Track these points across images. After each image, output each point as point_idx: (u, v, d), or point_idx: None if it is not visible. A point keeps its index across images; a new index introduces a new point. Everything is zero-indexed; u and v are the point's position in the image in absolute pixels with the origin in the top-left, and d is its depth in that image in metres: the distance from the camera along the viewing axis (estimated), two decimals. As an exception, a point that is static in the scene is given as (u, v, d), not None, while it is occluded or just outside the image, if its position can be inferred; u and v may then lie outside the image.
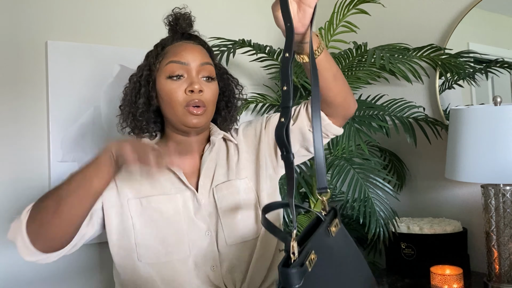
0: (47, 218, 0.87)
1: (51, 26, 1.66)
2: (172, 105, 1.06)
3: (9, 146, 1.58)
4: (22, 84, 1.61)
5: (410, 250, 1.65)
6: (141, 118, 1.11)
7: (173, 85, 1.06)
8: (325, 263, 0.74)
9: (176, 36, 1.14)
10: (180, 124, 1.07)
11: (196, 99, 1.05)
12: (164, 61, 1.09)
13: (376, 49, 1.64)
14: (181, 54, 1.07)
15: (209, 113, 1.09)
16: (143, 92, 1.11)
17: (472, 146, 1.39)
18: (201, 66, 1.08)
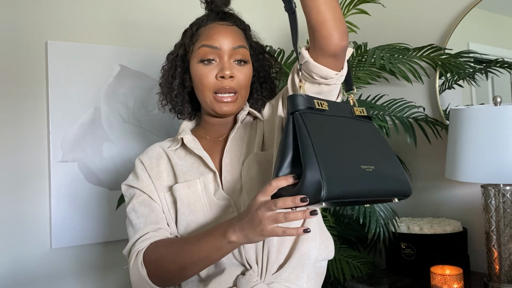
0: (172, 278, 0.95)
1: (51, 26, 1.66)
2: (202, 90, 1.05)
3: (9, 146, 1.58)
4: (22, 84, 1.61)
5: (410, 250, 1.65)
6: (176, 99, 1.12)
7: (205, 70, 1.04)
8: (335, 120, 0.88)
9: (210, 16, 1.10)
10: (210, 110, 1.07)
11: (227, 86, 1.03)
12: (197, 44, 1.07)
13: (376, 49, 1.64)
14: (213, 37, 1.05)
15: (242, 99, 1.08)
16: (179, 73, 1.11)
17: (472, 146, 1.39)
18: (234, 50, 1.05)
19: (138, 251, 0.97)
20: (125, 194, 1.11)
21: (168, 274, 0.94)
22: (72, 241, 1.66)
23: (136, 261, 0.95)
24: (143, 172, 1.09)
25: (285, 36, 2.29)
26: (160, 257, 0.95)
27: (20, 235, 1.59)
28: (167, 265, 0.93)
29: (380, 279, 1.65)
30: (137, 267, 0.95)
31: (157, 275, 0.94)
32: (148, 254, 0.96)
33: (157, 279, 0.95)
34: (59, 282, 1.65)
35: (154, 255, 0.96)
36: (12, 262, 1.57)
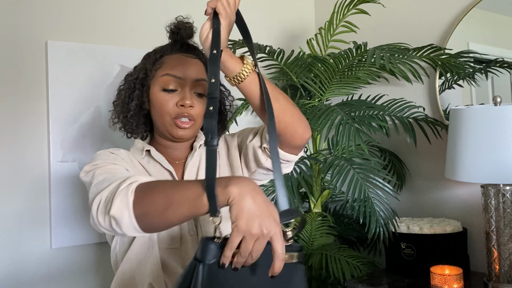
0: (154, 214, 0.85)
1: (51, 26, 1.66)
2: (161, 115, 1.10)
3: (9, 146, 1.58)
4: (22, 84, 1.61)
5: (410, 250, 1.65)
6: (132, 120, 1.15)
7: (166, 97, 1.10)
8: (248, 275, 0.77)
9: (175, 46, 1.16)
10: (167, 133, 1.11)
11: (185, 113, 1.09)
12: (160, 71, 1.11)
13: (376, 49, 1.64)
14: (178, 68, 1.11)
15: (197, 126, 1.13)
16: (136, 95, 1.14)
17: (472, 146, 1.39)
18: (196, 82, 1.11)
19: (133, 181, 0.89)
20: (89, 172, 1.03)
21: (152, 206, 0.86)
22: (72, 241, 1.66)
23: (127, 188, 0.87)
24: (116, 156, 1.08)
25: (285, 36, 2.29)
26: (151, 187, 0.88)
27: (20, 235, 1.59)
28: (154, 196, 0.86)
29: (380, 279, 1.65)
30: (126, 192, 0.86)
31: (141, 205, 0.86)
32: (141, 185, 0.89)
33: (140, 210, 0.86)
34: (59, 282, 1.65)
35: (146, 185, 0.89)
36: (12, 262, 1.57)
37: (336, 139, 1.60)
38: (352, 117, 1.65)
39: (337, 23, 1.84)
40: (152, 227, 0.88)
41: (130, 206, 0.85)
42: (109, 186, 0.90)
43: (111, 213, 0.85)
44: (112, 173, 0.97)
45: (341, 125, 1.60)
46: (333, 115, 1.63)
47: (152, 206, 0.85)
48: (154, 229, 0.89)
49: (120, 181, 0.90)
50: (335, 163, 1.66)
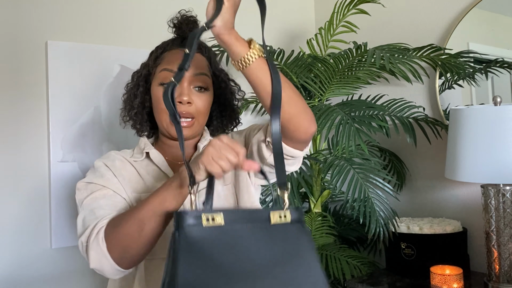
0: (131, 244, 0.87)
1: (51, 26, 1.66)
2: (159, 112, 1.07)
3: (9, 146, 1.58)
4: (22, 84, 1.61)
5: (410, 250, 1.65)
6: (135, 117, 1.13)
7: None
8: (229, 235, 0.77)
9: (176, 41, 1.12)
10: (165, 133, 1.09)
11: (183, 111, 1.04)
12: (159, 67, 1.08)
13: (376, 49, 1.64)
14: (176, 62, 1.05)
15: (198, 125, 1.08)
16: (140, 92, 1.12)
17: (472, 146, 1.39)
18: (194, 76, 1.06)
19: (100, 228, 0.90)
20: (81, 189, 1.04)
21: (127, 239, 0.86)
22: (72, 241, 1.66)
23: (97, 237, 0.88)
24: (108, 172, 1.05)
25: (285, 36, 2.29)
26: (118, 222, 0.89)
27: (20, 235, 1.59)
28: (125, 227, 0.87)
29: (380, 279, 1.65)
30: (97, 242, 0.88)
31: (117, 245, 0.87)
32: (108, 227, 0.90)
33: (117, 250, 0.87)
34: (59, 282, 1.65)
35: (112, 224, 0.90)
36: (12, 262, 1.57)
37: (336, 139, 1.60)
38: (352, 117, 1.65)
39: (337, 23, 1.84)
40: (135, 258, 0.89)
41: (107, 254, 0.87)
42: (87, 230, 0.92)
43: (91, 266, 0.88)
44: (93, 210, 0.96)
45: (341, 125, 1.60)
46: (333, 115, 1.63)
47: (126, 238, 0.86)
48: (137, 260, 0.90)
49: (93, 225, 0.91)
50: (335, 163, 1.66)
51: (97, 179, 1.03)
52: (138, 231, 0.85)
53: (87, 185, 1.03)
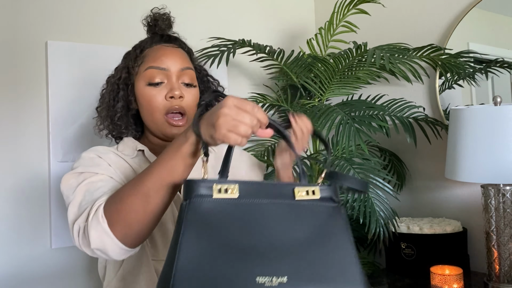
0: (136, 220, 0.79)
1: (51, 26, 1.66)
2: (151, 112, 1.04)
3: (9, 146, 1.58)
4: (22, 84, 1.61)
5: (410, 250, 1.65)
6: (119, 122, 1.09)
7: (153, 91, 1.04)
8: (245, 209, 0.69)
9: (155, 38, 1.11)
10: (159, 133, 1.06)
11: (176, 105, 1.03)
12: (143, 66, 1.06)
13: (376, 49, 1.64)
14: (161, 59, 1.05)
15: (189, 121, 1.06)
16: (122, 96, 1.09)
17: (472, 146, 1.39)
18: (182, 71, 1.06)
19: (99, 205, 0.83)
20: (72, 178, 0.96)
21: (131, 215, 0.79)
22: (72, 241, 1.66)
23: (96, 215, 0.81)
24: (102, 161, 1.00)
25: (285, 36, 2.29)
26: (118, 197, 0.82)
27: (20, 235, 1.59)
28: (127, 201, 0.80)
29: (380, 279, 1.65)
30: (97, 220, 0.81)
31: (119, 221, 0.80)
32: (108, 203, 0.83)
33: (119, 226, 0.80)
34: (59, 282, 1.65)
35: (112, 199, 0.83)
36: (12, 262, 1.57)
37: (336, 139, 1.60)
38: (352, 117, 1.65)
39: (337, 23, 1.84)
40: (141, 235, 0.82)
41: (108, 231, 0.80)
42: (85, 212, 0.85)
43: (92, 246, 0.82)
44: (91, 192, 0.90)
45: (341, 125, 1.60)
46: (333, 115, 1.63)
47: (130, 214, 0.79)
48: (143, 236, 0.83)
49: (90, 207, 0.85)
50: (335, 163, 1.66)
51: (92, 168, 0.96)
52: (143, 206, 0.78)
53: (79, 174, 0.96)
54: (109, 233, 0.80)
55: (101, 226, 0.80)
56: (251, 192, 0.71)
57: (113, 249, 0.81)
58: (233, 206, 0.69)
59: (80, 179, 0.94)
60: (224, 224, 0.67)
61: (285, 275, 0.64)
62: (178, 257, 0.64)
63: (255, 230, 0.68)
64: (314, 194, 0.73)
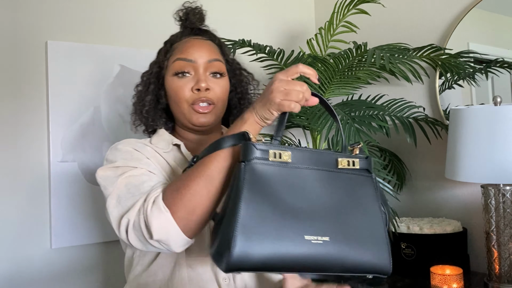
0: (200, 202, 0.81)
1: (51, 26, 1.66)
2: (178, 103, 1.04)
3: (9, 146, 1.58)
4: (22, 84, 1.61)
5: (410, 250, 1.65)
6: (146, 115, 1.09)
7: (180, 83, 1.03)
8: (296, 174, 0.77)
9: (185, 32, 1.10)
10: (187, 122, 1.05)
11: (203, 97, 1.02)
12: (171, 58, 1.06)
13: (376, 49, 1.64)
14: (188, 51, 1.04)
15: (218, 111, 1.05)
16: (152, 90, 1.09)
17: (472, 146, 1.39)
18: (209, 63, 1.05)
19: (155, 197, 0.84)
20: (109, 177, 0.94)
21: (194, 199, 0.81)
22: (72, 241, 1.66)
23: (156, 206, 0.82)
24: (140, 155, 0.99)
25: (285, 36, 2.29)
26: (179, 184, 0.83)
27: (20, 235, 1.59)
28: (191, 184, 0.81)
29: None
30: (158, 210, 0.81)
31: (182, 207, 0.81)
32: (168, 192, 0.83)
33: (182, 213, 0.81)
34: (59, 282, 1.65)
35: (172, 188, 0.84)
36: (12, 262, 1.57)
37: (336, 139, 1.60)
38: (352, 117, 1.65)
39: (337, 23, 1.84)
40: (201, 220, 0.83)
41: (172, 220, 0.81)
42: (135, 206, 0.85)
43: (156, 237, 0.81)
44: (136, 185, 0.90)
45: (341, 125, 1.60)
46: (333, 115, 1.63)
47: (193, 198, 0.81)
48: (202, 223, 0.84)
49: (143, 199, 0.85)
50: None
51: (132, 162, 0.96)
52: (207, 188, 0.81)
53: (117, 168, 0.95)
54: (173, 223, 0.81)
55: (164, 216, 0.81)
56: (301, 158, 0.79)
57: (175, 239, 0.82)
58: (285, 170, 0.77)
59: (119, 172, 0.94)
60: (276, 185, 0.75)
61: (327, 235, 0.74)
62: (238, 214, 0.71)
63: (302, 193, 0.76)
64: (354, 165, 0.83)
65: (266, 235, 0.71)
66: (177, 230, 0.81)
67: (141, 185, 0.90)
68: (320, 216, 0.75)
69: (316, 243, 0.73)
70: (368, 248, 0.77)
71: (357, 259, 0.75)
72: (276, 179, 0.76)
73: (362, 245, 0.76)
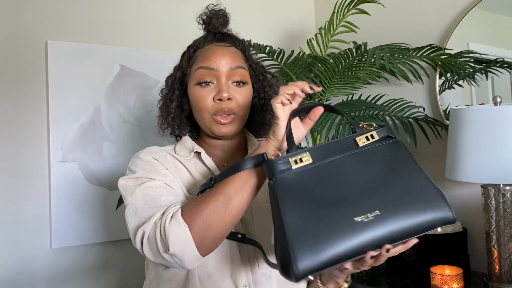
0: (217, 219, 0.84)
1: (51, 26, 1.66)
2: (200, 112, 1.02)
3: (9, 146, 1.58)
4: (22, 84, 1.61)
5: (410, 250, 1.65)
6: (173, 122, 1.08)
7: (202, 92, 1.02)
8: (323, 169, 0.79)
9: (208, 37, 1.08)
10: (208, 132, 1.04)
11: (225, 108, 1.00)
12: (194, 66, 1.04)
13: (376, 49, 1.64)
14: (210, 59, 1.02)
15: (240, 120, 1.04)
16: (176, 96, 1.08)
17: (472, 146, 1.39)
18: (231, 70, 1.03)
19: (174, 212, 0.85)
20: (128, 186, 0.96)
21: (212, 216, 0.83)
22: (72, 241, 1.66)
23: (175, 220, 0.83)
24: (160, 166, 0.99)
25: (285, 36, 2.29)
26: (199, 201, 0.85)
27: (20, 235, 1.59)
28: (211, 201, 0.84)
29: (380, 279, 1.65)
30: (177, 224, 0.83)
31: (200, 223, 0.83)
32: (187, 208, 0.85)
33: (199, 229, 0.82)
34: (59, 282, 1.65)
35: (192, 204, 0.85)
36: (12, 262, 1.57)
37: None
38: (352, 117, 1.65)
39: (337, 23, 1.84)
40: (217, 237, 0.85)
41: (189, 235, 0.82)
42: (152, 219, 0.87)
43: (172, 251, 0.82)
44: (153, 198, 0.92)
45: (341, 125, 1.60)
46: (333, 115, 1.63)
47: (211, 214, 0.83)
48: (218, 240, 0.86)
49: (161, 213, 0.87)
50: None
51: (151, 174, 0.97)
52: (225, 205, 0.83)
53: (137, 179, 0.97)
54: (190, 238, 0.83)
55: (182, 230, 0.83)
56: (321, 153, 0.81)
57: (190, 254, 0.84)
58: (311, 170, 0.79)
59: (138, 182, 0.96)
60: (309, 187, 0.77)
61: (376, 209, 0.74)
62: (286, 226, 0.73)
63: (337, 183, 0.77)
64: (373, 138, 0.83)
65: (318, 234, 0.72)
66: (193, 245, 0.83)
67: (158, 197, 0.92)
68: (363, 195, 0.76)
69: (369, 220, 0.73)
70: (422, 206, 0.76)
71: (416, 221, 0.75)
72: (308, 181, 0.78)
73: (416, 206, 0.76)
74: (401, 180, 0.78)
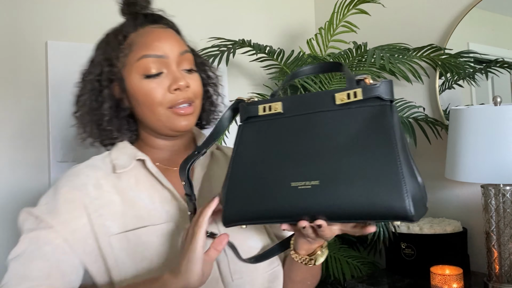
0: None
1: (51, 26, 1.66)
2: (152, 108, 0.86)
3: (9, 146, 1.58)
4: (22, 84, 1.61)
5: (410, 250, 1.65)
6: (110, 127, 0.91)
7: (152, 84, 0.86)
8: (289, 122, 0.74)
9: (138, 20, 0.91)
10: (165, 129, 0.89)
11: (182, 98, 0.87)
12: (133, 55, 0.87)
13: (376, 49, 1.64)
14: (154, 44, 0.87)
15: (198, 110, 0.91)
16: (107, 94, 0.90)
17: (472, 146, 1.39)
18: (181, 55, 0.88)
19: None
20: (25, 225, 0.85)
21: None
22: None
23: None
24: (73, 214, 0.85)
25: (285, 36, 2.29)
26: None
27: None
28: None
29: (380, 279, 1.65)
30: None
31: None
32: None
33: None
34: (59, 282, 1.65)
35: None
36: (12, 262, 1.57)
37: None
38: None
39: (337, 23, 1.84)
40: None
41: None
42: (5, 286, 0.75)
43: None
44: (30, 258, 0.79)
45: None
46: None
47: None
48: None
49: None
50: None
51: (51, 217, 0.85)
52: None
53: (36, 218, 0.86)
54: None
55: None
56: (295, 106, 0.75)
57: None
58: (279, 121, 0.75)
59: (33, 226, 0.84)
60: (269, 138, 0.75)
61: (317, 179, 0.67)
62: (229, 175, 0.75)
63: (295, 141, 0.72)
64: (356, 96, 0.69)
65: (254, 187, 0.72)
66: None
67: (32, 262, 0.80)
68: (313, 160, 0.68)
69: (303, 188, 0.67)
70: (375, 190, 0.64)
71: (360, 203, 0.64)
72: (269, 132, 0.75)
73: (364, 187, 0.64)
74: (364, 154, 0.66)
